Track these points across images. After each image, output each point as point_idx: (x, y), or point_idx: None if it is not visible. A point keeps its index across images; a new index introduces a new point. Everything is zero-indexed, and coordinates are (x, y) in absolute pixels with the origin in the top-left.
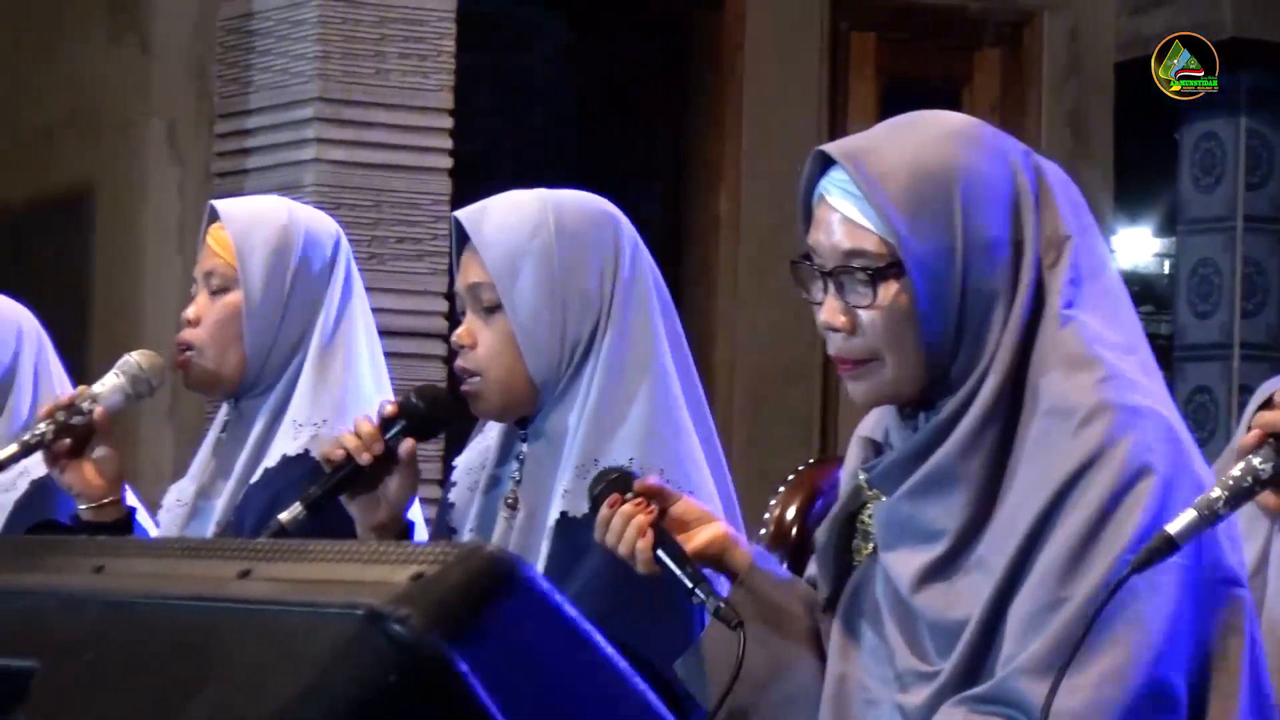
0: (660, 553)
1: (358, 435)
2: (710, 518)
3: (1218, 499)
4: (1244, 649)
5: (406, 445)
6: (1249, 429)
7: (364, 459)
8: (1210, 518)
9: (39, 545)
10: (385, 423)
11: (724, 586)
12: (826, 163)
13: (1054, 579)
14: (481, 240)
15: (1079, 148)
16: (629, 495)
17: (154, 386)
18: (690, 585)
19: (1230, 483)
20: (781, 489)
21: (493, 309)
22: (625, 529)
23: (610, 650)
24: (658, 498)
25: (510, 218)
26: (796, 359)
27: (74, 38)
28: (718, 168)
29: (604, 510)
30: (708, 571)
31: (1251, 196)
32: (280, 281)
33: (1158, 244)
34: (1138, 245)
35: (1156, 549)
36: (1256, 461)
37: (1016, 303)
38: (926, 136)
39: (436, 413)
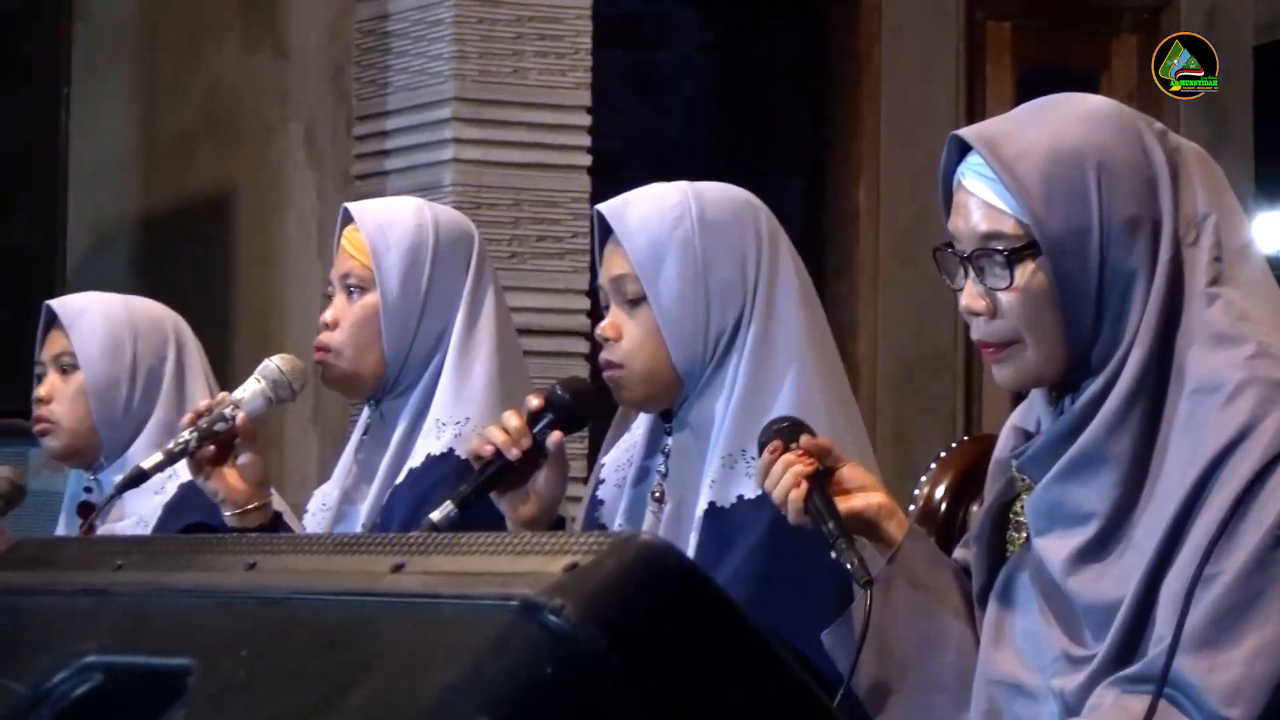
0: (813, 504)
1: (505, 430)
2: (873, 486)
3: None
4: None
5: (554, 437)
6: None
7: (513, 454)
8: None
9: (190, 544)
10: (532, 416)
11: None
12: (964, 148)
13: (1208, 556)
14: (624, 232)
15: (1217, 133)
16: (793, 446)
17: (295, 391)
18: (831, 539)
19: None
20: (933, 466)
21: (636, 301)
22: (783, 476)
23: (767, 637)
24: (823, 455)
25: (652, 209)
26: (938, 350)
27: (211, 44)
28: (856, 160)
29: (766, 456)
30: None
31: None
32: (416, 281)
33: None
34: (1278, 228)
35: None
36: None
37: (1156, 281)
38: (1061, 118)
39: (582, 404)
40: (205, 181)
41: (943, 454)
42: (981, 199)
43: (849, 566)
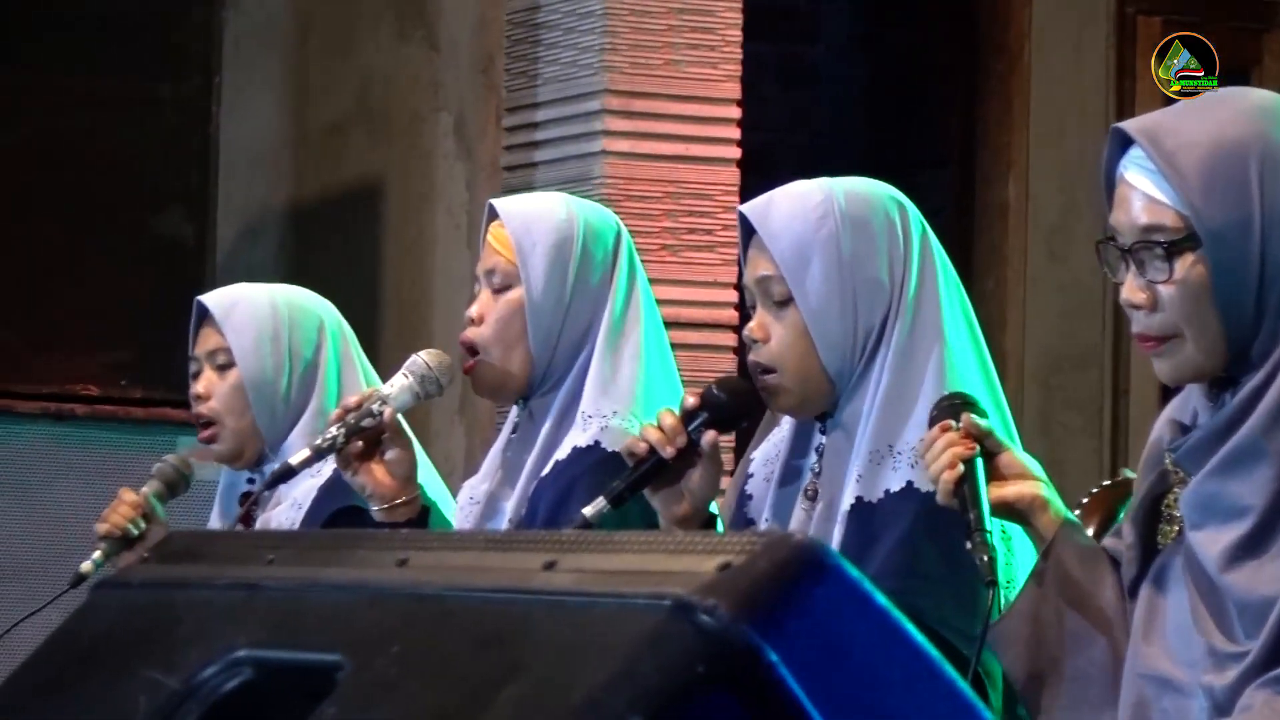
0: (963, 488)
1: (660, 428)
2: (1030, 476)
3: None
4: None
5: (709, 437)
6: None
7: (668, 452)
8: None
9: (342, 539)
10: (687, 415)
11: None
12: (1126, 142)
13: None
14: (769, 233)
15: None
16: (956, 427)
17: (443, 386)
18: (969, 530)
19: None
20: (1077, 511)
21: (783, 302)
22: (942, 455)
23: (920, 636)
24: (982, 439)
25: (796, 209)
26: (1085, 345)
27: (362, 35)
28: (1006, 154)
29: (933, 431)
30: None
31: None
32: (562, 276)
33: None
34: None
35: None
36: None
37: None
38: (1224, 111)
39: (738, 404)
40: (355, 172)
41: (1086, 498)
42: (1142, 192)
43: (978, 562)
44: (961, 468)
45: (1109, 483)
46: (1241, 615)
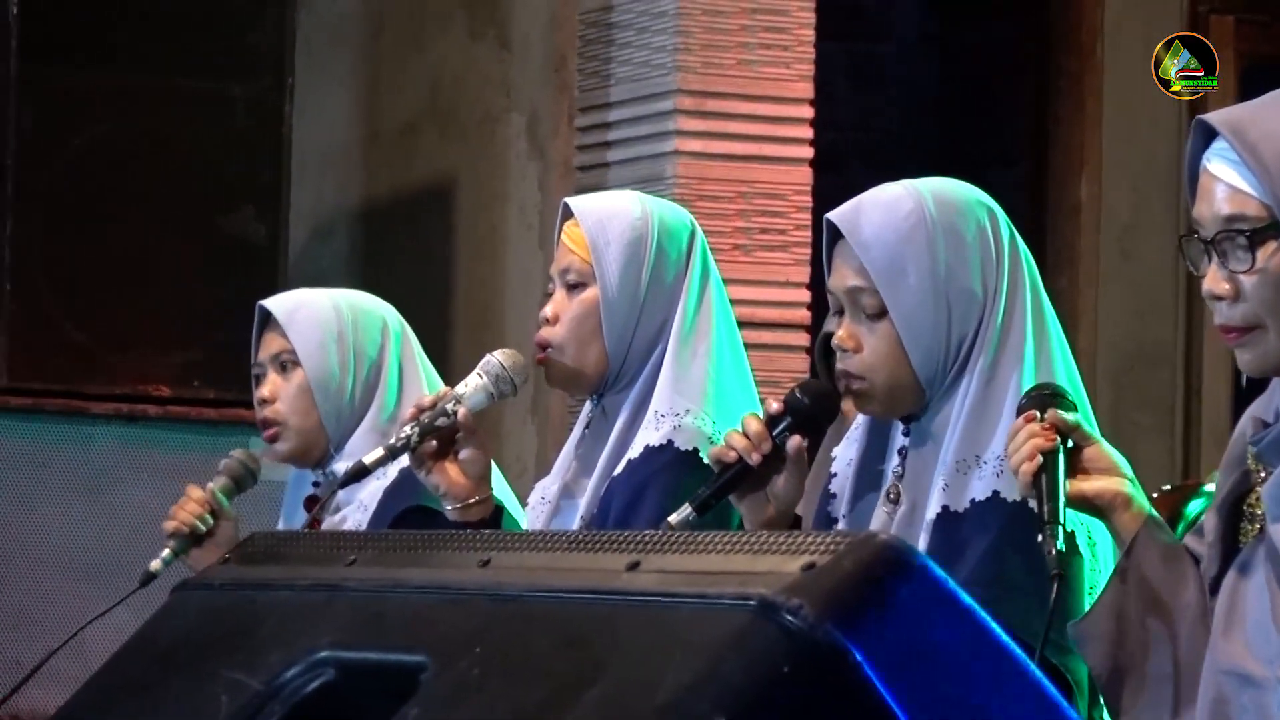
0: (1040, 480)
1: (746, 434)
2: (1116, 472)
3: None
4: None
5: (794, 442)
6: None
7: (754, 459)
8: None
9: (423, 540)
10: (771, 420)
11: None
12: (1209, 135)
13: None
14: (860, 243)
15: None
16: (1041, 418)
17: (517, 386)
18: (1043, 520)
19: None
20: None
21: (876, 313)
22: (1024, 445)
23: (1005, 637)
24: (1068, 432)
25: (887, 217)
26: (1158, 344)
27: (434, 34)
28: (1079, 154)
29: (1019, 421)
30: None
31: None
32: (636, 275)
33: None
34: None
35: None
36: None
37: None
38: None
39: (821, 407)
40: (426, 172)
41: (1153, 495)
42: (1226, 182)
43: (1046, 553)
44: (1041, 459)
45: (1170, 486)
46: None
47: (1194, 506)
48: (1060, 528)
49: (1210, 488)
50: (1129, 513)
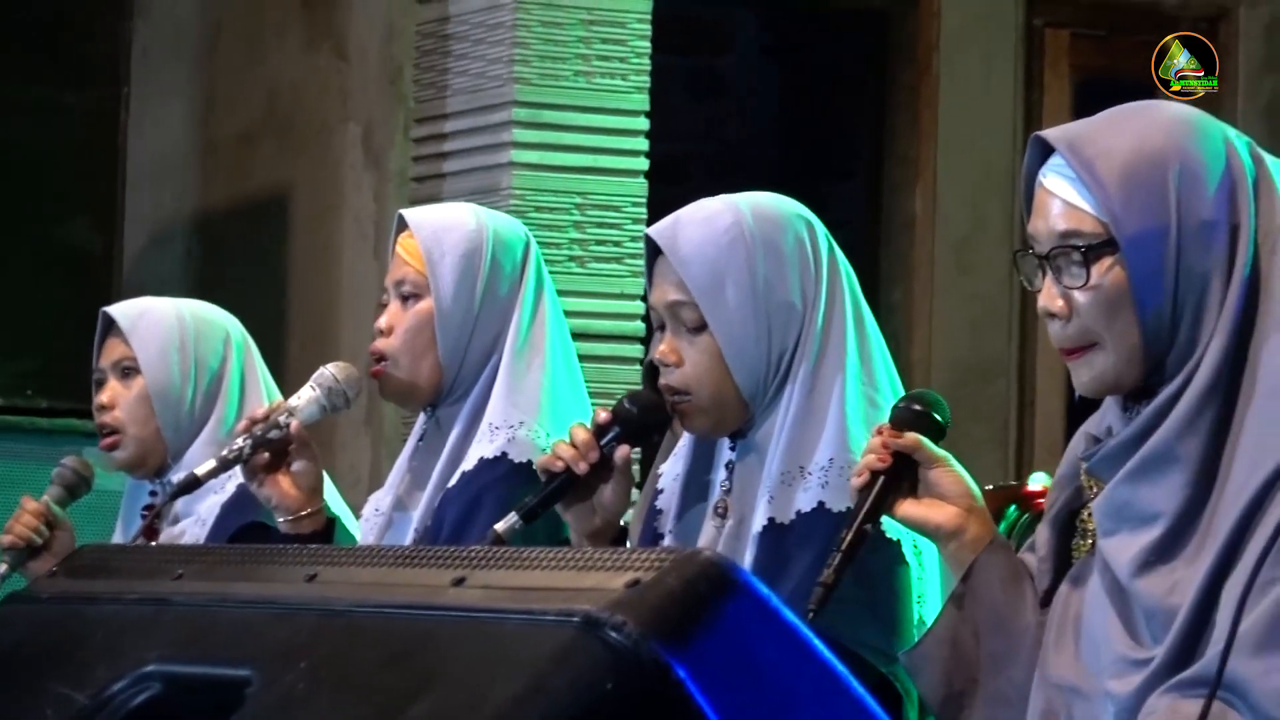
0: (860, 497)
1: (574, 444)
2: (959, 496)
3: None
4: None
5: (621, 452)
6: None
7: (581, 469)
8: None
9: (251, 554)
10: (599, 429)
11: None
12: (1046, 150)
13: (1271, 559)
14: (679, 259)
15: (1275, 142)
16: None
17: (350, 399)
18: (843, 534)
19: None
20: None
21: (696, 327)
22: (865, 456)
23: (828, 653)
24: (911, 453)
25: (706, 232)
26: (992, 357)
27: (271, 44)
28: (914, 166)
29: (874, 434)
30: None
31: None
32: (471, 287)
33: None
34: None
35: None
36: None
37: (1233, 285)
38: (1144, 122)
39: (649, 417)
40: (263, 182)
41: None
42: (1062, 198)
43: (824, 569)
44: (868, 476)
45: (992, 487)
46: (1150, 621)
47: (1012, 513)
48: (847, 554)
49: (1035, 486)
50: (962, 541)
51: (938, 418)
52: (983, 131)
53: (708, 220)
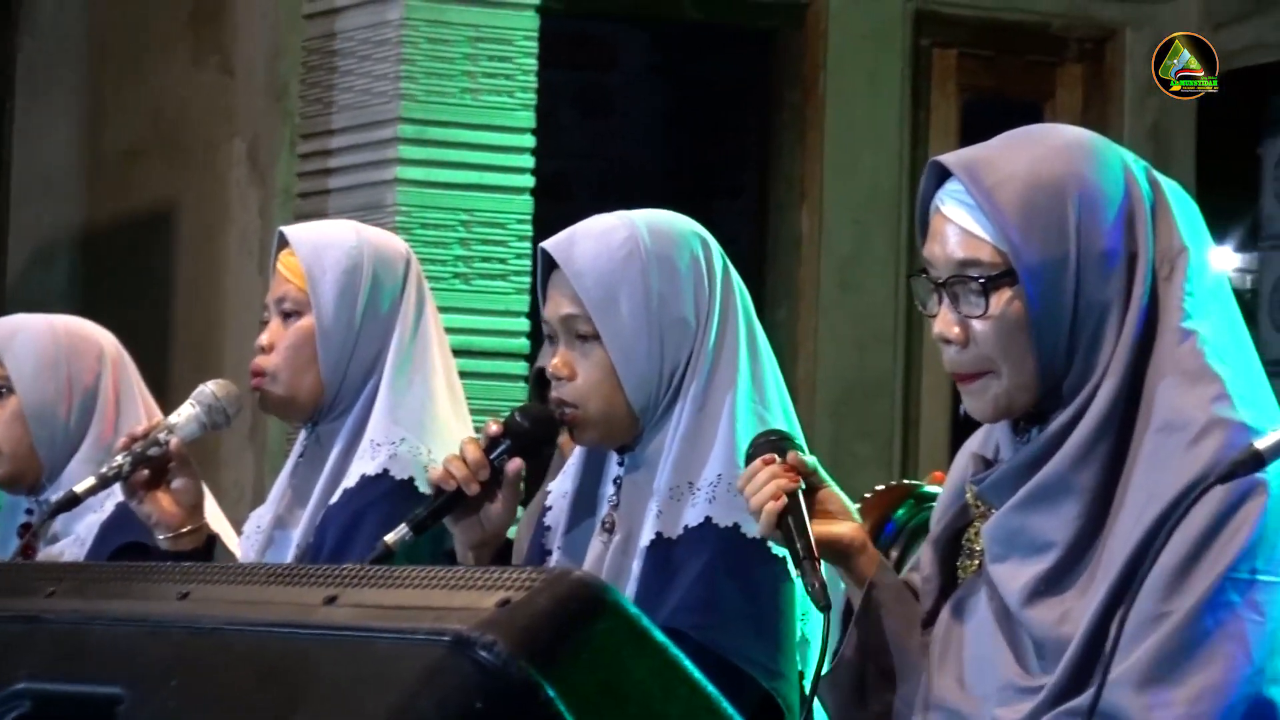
0: (787, 519)
1: (464, 459)
2: (851, 517)
3: None
4: None
5: (512, 466)
6: None
7: (472, 490)
8: None
9: (124, 572)
10: (490, 442)
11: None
12: (943, 174)
13: (1158, 594)
14: (573, 271)
15: (1161, 163)
16: (780, 460)
17: (230, 416)
18: (797, 559)
19: None
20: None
21: (589, 340)
22: (766, 486)
23: (698, 673)
24: (806, 475)
25: (601, 246)
26: (877, 376)
27: (157, 60)
28: (801, 185)
29: (756, 463)
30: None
31: None
32: (352, 303)
33: (1240, 259)
34: (1220, 261)
35: (1242, 462)
36: None
37: (1130, 314)
38: (1042, 148)
39: (541, 431)
40: (148, 197)
41: (862, 500)
42: (959, 225)
43: (810, 589)
44: (786, 499)
45: (883, 487)
46: (1039, 650)
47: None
48: (812, 562)
49: (931, 488)
50: (865, 555)
51: (797, 442)
52: (869, 151)
53: (603, 235)
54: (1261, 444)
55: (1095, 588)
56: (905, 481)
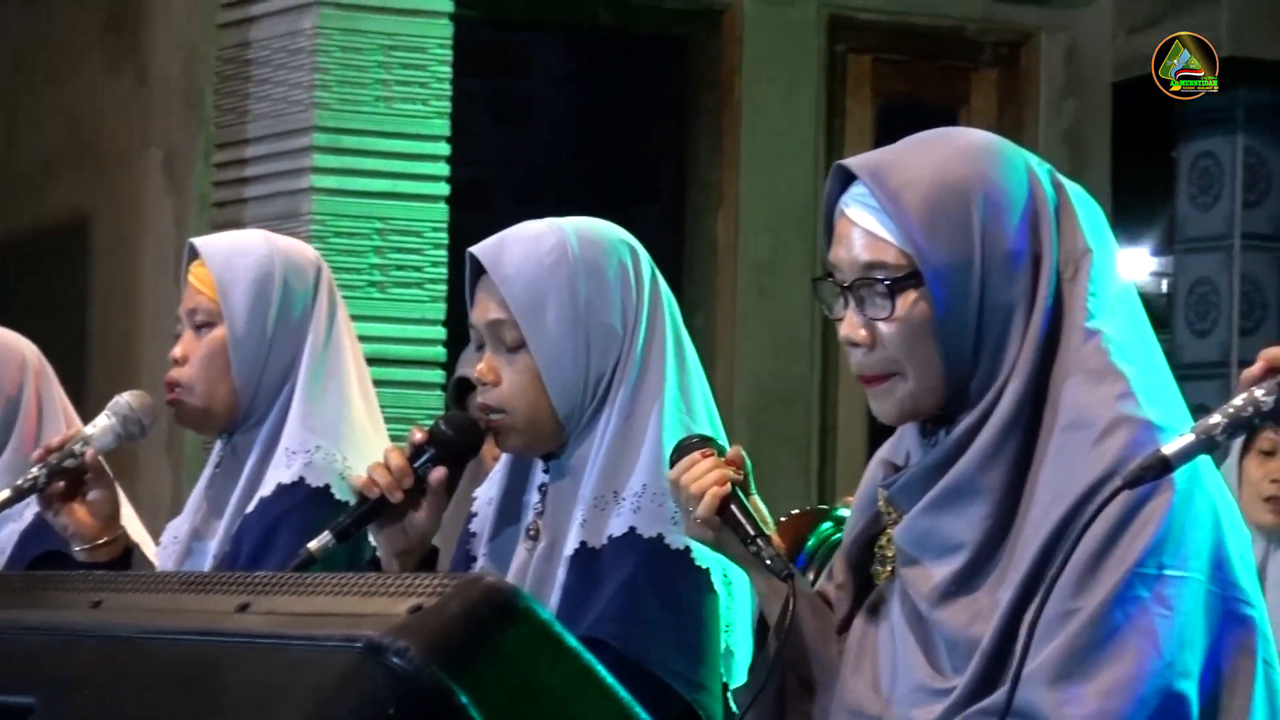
0: (731, 506)
1: (388, 467)
2: (771, 530)
3: (1217, 425)
4: (1256, 669)
5: (436, 474)
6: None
7: (396, 498)
8: (1208, 443)
9: (37, 581)
10: (414, 450)
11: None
12: (848, 178)
13: (1066, 591)
14: (501, 276)
15: (1077, 167)
16: (720, 456)
17: (145, 427)
18: (750, 538)
19: (1231, 411)
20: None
21: (515, 346)
22: (709, 473)
23: (610, 678)
24: (744, 478)
25: (529, 252)
26: (794, 382)
27: (71, 69)
28: (717, 191)
29: (695, 455)
30: None
31: (1249, 214)
32: (264, 313)
33: (1156, 263)
34: (1136, 264)
35: (1150, 467)
36: (1259, 393)
37: (1035, 315)
38: (947, 151)
39: (465, 440)
40: (64, 207)
41: (777, 524)
42: (864, 228)
43: (769, 561)
44: (730, 486)
45: (798, 511)
46: (951, 651)
47: (820, 534)
48: (766, 537)
49: (844, 512)
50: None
51: (722, 450)
52: (785, 157)
53: (532, 240)
54: (1169, 449)
55: (1005, 587)
56: (819, 507)
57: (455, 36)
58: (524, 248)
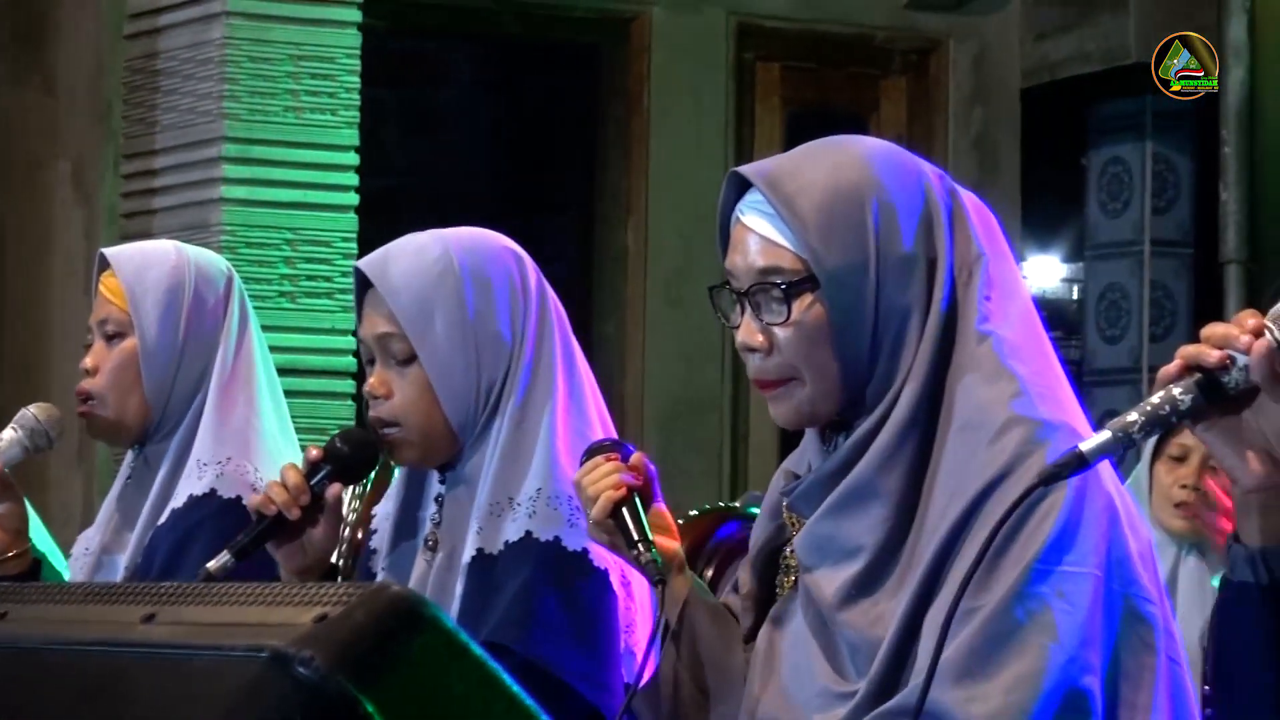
0: (623, 509)
1: (285, 486)
2: (675, 536)
3: (1134, 423)
4: (1157, 666)
5: (333, 490)
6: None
7: (293, 515)
8: (1125, 440)
9: None
10: (311, 467)
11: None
12: (743, 186)
13: (968, 590)
14: (388, 289)
15: (986, 174)
16: (623, 460)
17: (53, 439)
18: (632, 540)
19: (1149, 410)
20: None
21: (405, 359)
22: (607, 476)
23: (517, 686)
24: (647, 483)
25: (415, 264)
26: (705, 391)
27: None
28: (626, 200)
29: (598, 458)
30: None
31: (1158, 220)
32: (174, 323)
33: (1066, 269)
34: (1046, 270)
35: (1067, 464)
36: (1177, 392)
37: (930, 318)
38: (841, 157)
39: (361, 456)
40: None
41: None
42: (760, 234)
43: (645, 566)
44: (626, 490)
45: (697, 512)
46: (854, 654)
47: (725, 531)
48: (649, 544)
49: (755, 510)
50: (683, 575)
51: (626, 447)
52: (694, 166)
53: (417, 252)
54: (1085, 446)
55: (905, 588)
56: (722, 505)
57: (364, 46)
58: (409, 260)
